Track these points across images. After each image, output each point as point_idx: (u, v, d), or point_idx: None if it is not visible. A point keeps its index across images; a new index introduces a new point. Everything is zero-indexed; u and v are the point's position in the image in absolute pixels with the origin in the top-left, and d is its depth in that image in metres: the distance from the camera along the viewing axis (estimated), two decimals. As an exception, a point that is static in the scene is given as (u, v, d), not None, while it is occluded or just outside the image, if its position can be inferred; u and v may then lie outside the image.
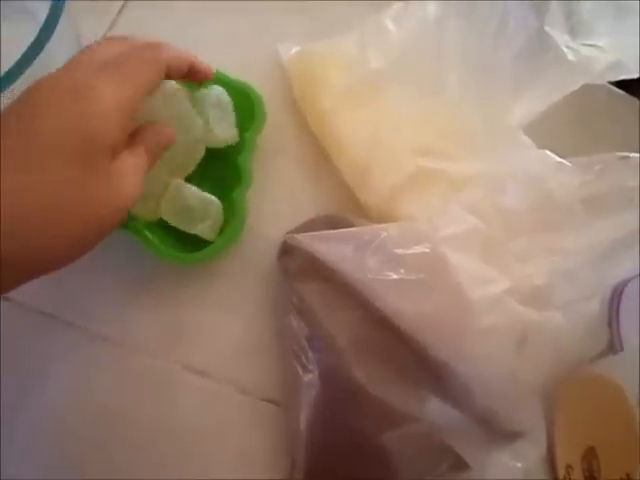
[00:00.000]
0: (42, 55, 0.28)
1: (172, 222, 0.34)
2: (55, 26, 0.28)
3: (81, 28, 0.35)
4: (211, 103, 0.35)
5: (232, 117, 0.36)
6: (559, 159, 0.33)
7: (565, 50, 0.27)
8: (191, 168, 0.35)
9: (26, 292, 0.34)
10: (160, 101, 0.32)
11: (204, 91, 0.35)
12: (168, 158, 0.33)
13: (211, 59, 0.37)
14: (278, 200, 0.38)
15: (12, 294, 0.34)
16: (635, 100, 0.42)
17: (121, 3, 0.41)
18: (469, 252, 0.29)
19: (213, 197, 0.35)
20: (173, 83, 0.33)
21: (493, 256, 0.29)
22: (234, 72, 0.37)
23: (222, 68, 0.37)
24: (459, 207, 0.30)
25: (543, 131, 0.33)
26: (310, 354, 0.32)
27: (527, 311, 0.30)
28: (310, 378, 0.32)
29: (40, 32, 0.28)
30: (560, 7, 0.27)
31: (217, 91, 0.35)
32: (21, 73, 0.27)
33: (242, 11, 0.42)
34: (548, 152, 0.33)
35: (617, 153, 0.33)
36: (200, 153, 0.35)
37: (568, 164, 0.33)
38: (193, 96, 0.35)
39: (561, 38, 0.27)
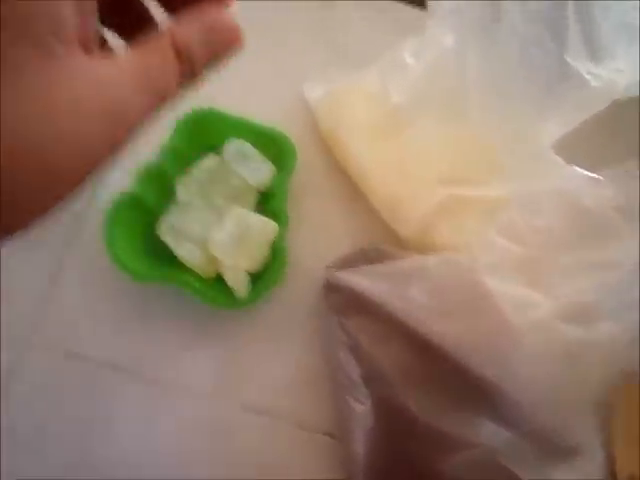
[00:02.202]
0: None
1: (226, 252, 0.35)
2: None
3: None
4: (234, 158, 0.37)
5: (258, 159, 0.38)
6: (589, 173, 0.33)
7: (587, 77, 0.28)
8: None
9: (88, 345, 0.37)
10: (206, 173, 0.36)
11: (224, 152, 0.38)
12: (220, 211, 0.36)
13: (235, 107, 0.39)
14: (315, 237, 0.39)
15: (75, 348, 0.37)
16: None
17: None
18: (511, 278, 0.30)
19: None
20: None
21: (537, 277, 0.30)
22: (258, 116, 0.39)
23: (247, 115, 0.39)
24: (496, 233, 0.31)
25: (569, 146, 0.33)
26: (361, 387, 0.33)
27: (574, 329, 0.30)
28: (363, 411, 0.33)
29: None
30: (579, 34, 0.27)
31: (233, 143, 0.38)
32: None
33: (259, 55, 0.43)
34: (577, 168, 0.33)
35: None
36: (250, 200, 0.37)
37: (598, 177, 0.34)
38: (221, 158, 0.38)
39: (582, 65, 0.27)
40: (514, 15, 0.28)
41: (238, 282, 0.35)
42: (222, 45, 0.19)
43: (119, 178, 0.37)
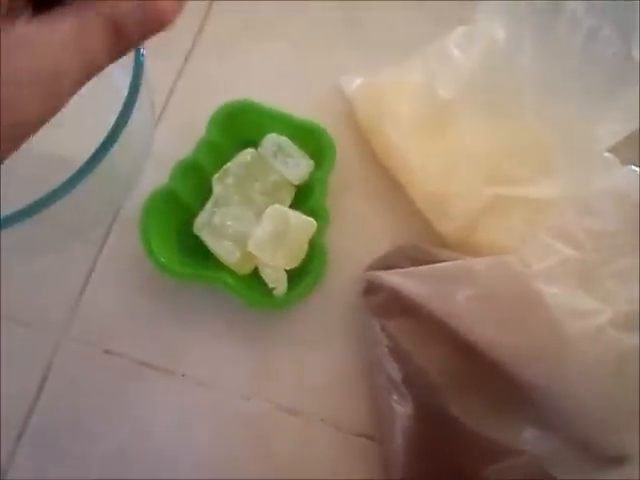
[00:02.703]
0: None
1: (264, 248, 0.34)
2: (136, 98, 0.29)
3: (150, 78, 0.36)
4: (272, 152, 0.36)
5: (297, 154, 0.37)
6: (645, 172, 0.32)
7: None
8: None
9: (124, 344, 0.37)
10: (243, 168, 0.36)
11: (261, 147, 0.37)
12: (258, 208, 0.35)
13: (270, 100, 0.38)
14: (354, 234, 0.38)
15: (111, 346, 0.36)
16: None
17: (185, 52, 0.42)
18: (566, 284, 0.28)
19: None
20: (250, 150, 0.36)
21: (593, 283, 0.29)
22: (293, 110, 0.38)
23: (285, 108, 0.38)
24: (548, 237, 0.30)
25: (624, 146, 0.32)
26: (403, 390, 0.32)
27: (629, 338, 0.29)
28: (404, 414, 0.32)
29: (124, 105, 0.29)
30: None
31: (271, 138, 0.37)
32: (111, 147, 0.29)
33: (294, 48, 0.42)
34: (633, 167, 0.32)
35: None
36: (287, 197, 0.36)
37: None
38: (258, 153, 0.37)
39: (651, 63, 0.26)
40: (577, 8, 0.27)
41: (277, 280, 0.34)
42: (155, 25, 0.18)
43: (156, 173, 0.37)
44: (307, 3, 0.43)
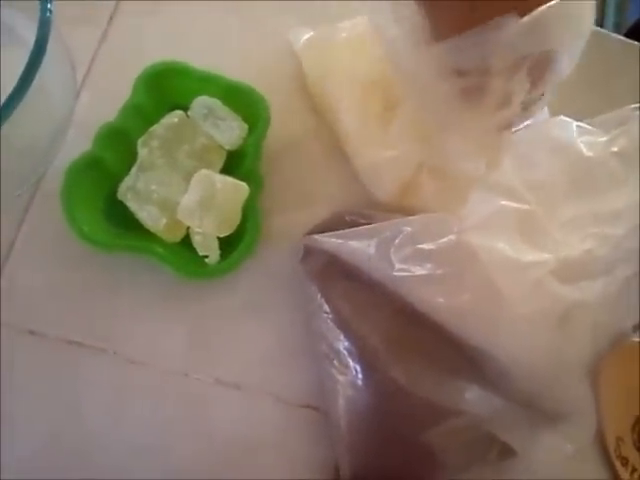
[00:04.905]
0: (35, 82, 0.27)
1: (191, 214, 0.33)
2: (44, 52, 0.27)
3: (72, 42, 0.33)
4: (203, 115, 0.35)
5: (229, 117, 0.35)
6: (577, 122, 0.32)
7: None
8: None
9: (50, 323, 0.34)
10: (170, 131, 0.34)
11: (190, 110, 0.35)
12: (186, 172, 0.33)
13: (206, 61, 0.36)
14: (292, 200, 0.37)
15: (36, 326, 0.34)
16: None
17: (109, 13, 0.40)
18: (504, 236, 0.28)
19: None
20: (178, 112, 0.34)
21: (534, 234, 0.28)
22: (230, 73, 0.36)
23: (218, 70, 0.36)
24: (488, 191, 0.29)
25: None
26: (344, 356, 0.31)
27: (568, 291, 0.28)
28: (346, 380, 0.31)
29: (30, 59, 0.27)
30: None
31: (201, 100, 0.35)
32: (19, 102, 0.27)
33: (231, 8, 0.40)
34: (564, 117, 0.32)
35: (630, 106, 0.32)
36: (218, 161, 0.35)
37: (587, 126, 0.32)
38: (187, 115, 0.35)
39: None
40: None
41: (208, 248, 0.33)
42: None
43: (81, 141, 0.34)
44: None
